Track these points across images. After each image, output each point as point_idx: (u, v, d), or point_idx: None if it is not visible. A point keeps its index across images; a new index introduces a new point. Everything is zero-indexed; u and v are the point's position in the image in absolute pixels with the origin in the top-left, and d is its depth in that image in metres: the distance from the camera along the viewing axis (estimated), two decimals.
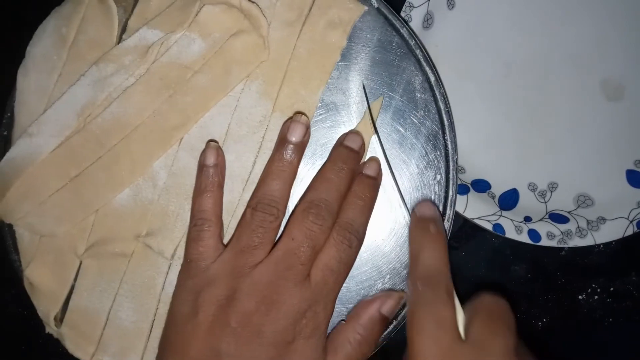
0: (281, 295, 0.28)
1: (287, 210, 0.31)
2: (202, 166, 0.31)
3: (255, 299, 0.28)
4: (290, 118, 0.32)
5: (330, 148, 0.32)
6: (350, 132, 0.32)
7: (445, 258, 0.29)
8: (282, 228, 0.30)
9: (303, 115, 0.31)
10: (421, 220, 0.31)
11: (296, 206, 0.31)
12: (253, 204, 0.30)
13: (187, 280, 0.30)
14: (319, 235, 0.29)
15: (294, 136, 0.30)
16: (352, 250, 0.30)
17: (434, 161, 0.33)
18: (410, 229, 0.31)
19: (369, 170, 0.31)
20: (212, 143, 0.32)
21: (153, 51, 0.32)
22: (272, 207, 0.29)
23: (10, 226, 0.33)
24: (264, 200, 0.30)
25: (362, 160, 0.32)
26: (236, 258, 0.29)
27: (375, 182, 0.31)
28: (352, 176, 0.31)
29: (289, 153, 0.30)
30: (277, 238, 0.30)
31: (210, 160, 0.31)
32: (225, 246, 0.30)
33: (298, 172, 0.31)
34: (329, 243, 0.29)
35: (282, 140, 0.31)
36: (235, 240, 0.30)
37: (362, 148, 0.32)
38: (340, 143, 0.32)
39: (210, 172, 0.31)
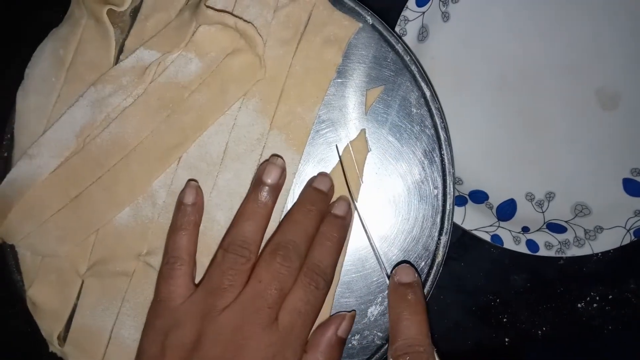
0: (248, 341, 0.28)
1: None
2: (180, 204, 0.31)
3: (221, 344, 0.28)
4: (267, 160, 0.32)
5: (328, 165, 0.33)
6: (320, 174, 0.32)
7: (424, 328, 0.29)
8: None
9: (279, 158, 0.32)
10: (400, 286, 0.31)
11: (264, 248, 0.30)
12: (225, 245, 0.30)
13: (156, 320, 0.30)
14: (286, 278, 0.29)
15: (270, 178, 0.31)
16: (319, 292, 0.29)
17: (430, 176, 0.33)
18: (388, 295, 0.31)
19: (338, 210, 0.31)
20: (192, 182, 0.32)
21: (150, 71, 0.32)
22: (244, 249, 0.29)
23: (12, 247, 0.33)
24: (236, 241, 0.30)
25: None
26: (205, 300, 0.29)
27: (343, 222, 0.31)
28: (321, 217, 0.31)
29: (264, 194, 0.30)
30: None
31: (189, 199, 0.31)
32: (197, 285, 0.30)
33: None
34: (296, 285, 0.29)
35: (257, 182, 0.31)
36: (206, 281, 0.30)
37: (332, 190, 0.32)
38: (309, 185, 0.32)
39: (187, 210, 0.31)
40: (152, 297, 0.32)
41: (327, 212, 0.31)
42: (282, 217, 0.32)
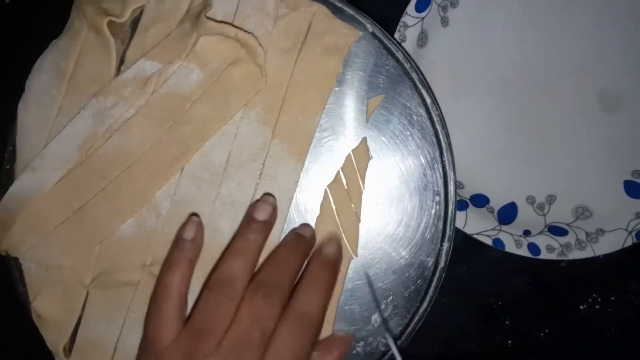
0: None
1: None
2: (178, 239, 0.31)
3: None
4: (258, 199, 0.32)
5: (331, 172, 0.33)
6: (302, 224, 0.32)
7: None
8: None
9: (271, 196, 0.32)
10: (251, 220, 0.30)
11: (247, 286, 0.29)
12: (210, 284, 0.29)
13: None
14: (268, 317, 0.28)
15: (260, 215, 0.30)
16: (307, 341, 0.28)
17: (432, 182, 0.33)
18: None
19: (329, 250, 0.31)
20: (195, 217, 0.32)
21: (152, 82, 0.32)
22: (229, 289, 0.28)
23: (16, 259, 0.33)
24: (222, 280, 0.29)
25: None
26: (190, 343, 0.28)
27: (334, 264, 0.30)
28: (304, 258, 0.30)
29: (254, 232, 0.30)
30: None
31: (189, 234, 0.30)
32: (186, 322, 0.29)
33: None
34: (282, 332, 0.28)
35: (248, 219, 0.31)
36: (190, 322, 0.29)
37: (314, 237, 0.32)
38: (292, 232, 0.32)
39: (185, 246, 0.30)
40: None
41: (316, 252, 0.31)
42: (284, 229, 0.32)
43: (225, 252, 0.30)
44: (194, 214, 0.32)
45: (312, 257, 0.31)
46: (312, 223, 0.33)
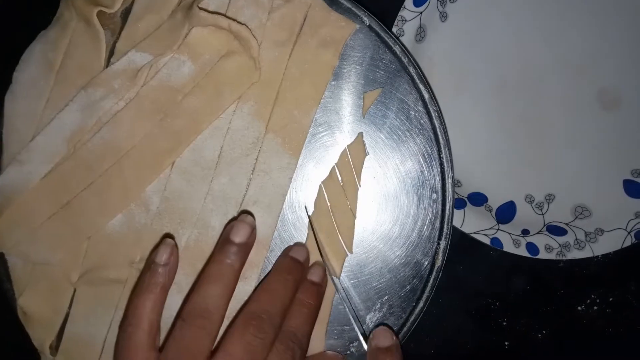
0: None
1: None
2: (151, 262, 0.29)
3: None
4: (235, 218, 0.30)
5: (326, 167, 0.32)
6: (296, 244, 0.32)
7: None
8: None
9: (249, 216, 0.30)
10: (378, 351, 0.30)
11: (235, 317, 0.28)
12: (184, 315, 0.27)
13: None
14: (259, 350, 0.26)
15: (238, 237, 0.29)
16: None
17: (429, 179, 0.32)
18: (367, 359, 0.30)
19: (314, 277, 0.30)
20: (169, 240, 0.30)
21: (142, 74, 0.31)
22: (204, 320, 0.26)
23: (2, 255, 0.32)
24: (196, 310, 0.27)
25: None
26: None
27: (319, 289, 0.30)
28: (297, 287, 0.30)
29: (230, 255, 0.28)
30: (214, 346, 0.27)
31: (162, 258, 0.28)
32: (161, 348, 0.27)
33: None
34: (271, 354, 0.27)
35: (224, 241, 0.29)
36: (163, 355, 0.27)
37: (307, 260, 0.31)
38: (285, 254, 0.31)
39: (158, 271, 0.28)
40: None
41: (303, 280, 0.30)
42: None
43: (200, 277, 0.29)
44: (168, 235, 0.30)
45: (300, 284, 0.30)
46: (306, 220, 0.32)
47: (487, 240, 0.39)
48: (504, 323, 0.43)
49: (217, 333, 0.27)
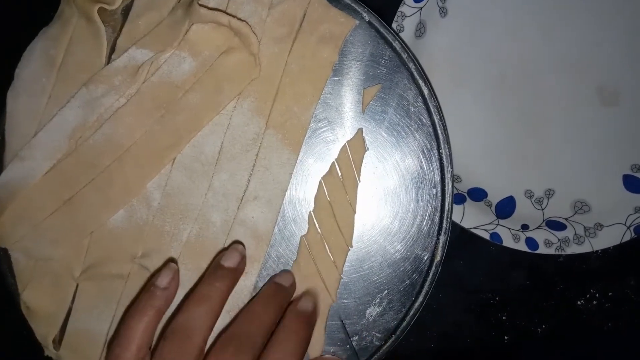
0: None
1: None
2: (150, 284, 0.28)
3: None
4: (227, 248, 0.31)
5: (326, 163, 0.32)
6: (282, 271, 0.31)
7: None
8: None
9: (240, 245, 0.31)
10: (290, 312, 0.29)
11: (215, 340, 0.28)
12: (167, 333, 0.26)
13: None
14: None
15: (228, 262, 0.29)
16: None
17: (429, 174, 0.32)
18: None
19: (305, 304, 0.29)
20: (172, 264, 0.30)
21: (143, 71, 0.31)
22: (187, 339, 0.26)
23: (5, 250, 0.33)
24: (180, 329, 0.26)
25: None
26: None
27: (310, 319, 0.29)
28: (280, 312, 0.29)
29: (219, 278, 0.28)
30: None
31: (162, 281, 0.28)
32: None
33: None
34: None
35: (214, 266, 0.29)
36: None
37: (293, 286, 0.30)
38: (271, 280, 0.31)
39: (156, 294, 0.28)
40: None
41: (292, 306, 0.30)
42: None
43: (187, 298, 0.28)
44: (172, 261, 0.30)
45: (288, 310, 0.29)
46: (306, 215, 0.32)
47: (486, 235, 0.39)
48: (504, 318, 0.43)
49: (200, 353, 0.27)
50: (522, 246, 0.39)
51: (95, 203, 0.32)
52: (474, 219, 0.39)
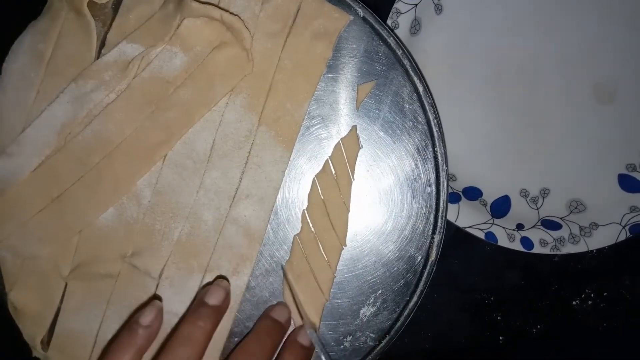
0: None
1: None
2: (133, 322, 0.28)
3: None
4: (211, 283, 0.30)
5: (320, 161, 0.32)
6: (279, 303, 0.31)
7: None
8: None
9: (224, 280, 0.30)
10: (295, 343, 0.29)
11: None
12: None
13: None
14: None
15: (212, 299, 0.28)
16: None
17: (423, 173, 0.32)
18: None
19: (303, 340, 0.29)
20: (157, 302, 0.30)
21: (134, 66, 0.31)
22: None
23: None
24: None
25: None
26: None
27: (308, 353, 0.29)
28: (276, 349, 0.29)
29: (203, 317, 0.27)
30: None
31: (146, 320, 0.28)
32: None
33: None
34: None
35: (198, 303, 0.28)
36: None
37: (289, 322, 0.30)
38: (266, 314, 0.30)
39: (138, 332, 0.27)
40: (137, 300, 0.31)
41: (290, 338, 0.29)
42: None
43: (170, 337, 0.27)
44: (157, 298, 0.30)
45: (285, 345, 0.29)
46: (299, 214, 0.32)
47: (481, 235, 0.39)
48: (499, 318, 0.43)
49: None
50: (517, 245, 0.39)
51: (84, 201, 0.31)
52: (468, 218, 0.39)
